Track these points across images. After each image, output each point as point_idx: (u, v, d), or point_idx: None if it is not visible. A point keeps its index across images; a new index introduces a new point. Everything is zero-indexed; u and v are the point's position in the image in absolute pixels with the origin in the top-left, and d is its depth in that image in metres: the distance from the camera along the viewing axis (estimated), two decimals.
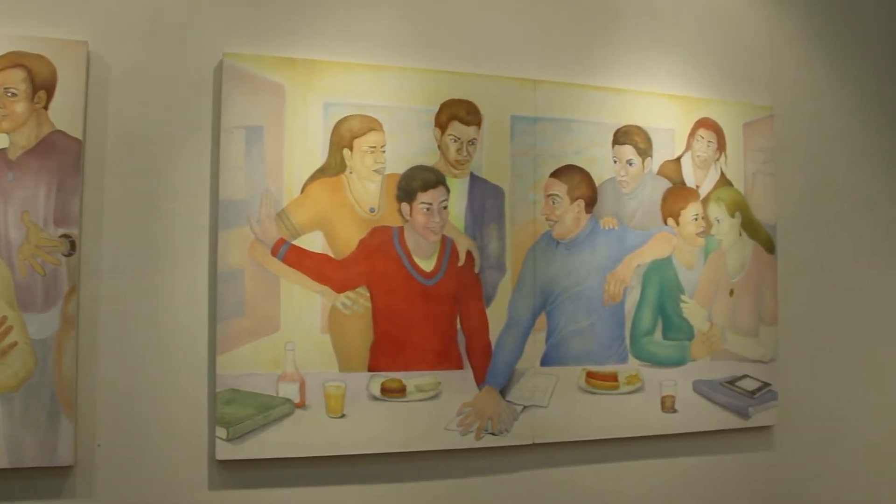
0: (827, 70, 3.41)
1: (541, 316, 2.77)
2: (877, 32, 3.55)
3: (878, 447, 3.39)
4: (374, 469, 2.59)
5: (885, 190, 3.49)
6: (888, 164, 3.51)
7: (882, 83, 3.53)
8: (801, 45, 3.37)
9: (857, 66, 3.48)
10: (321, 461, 2.52)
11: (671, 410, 2.94)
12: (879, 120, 3.51)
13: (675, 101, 3.03)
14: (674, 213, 2.97)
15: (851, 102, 3.45)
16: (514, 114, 2.77)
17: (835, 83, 3.42)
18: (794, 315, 3.22)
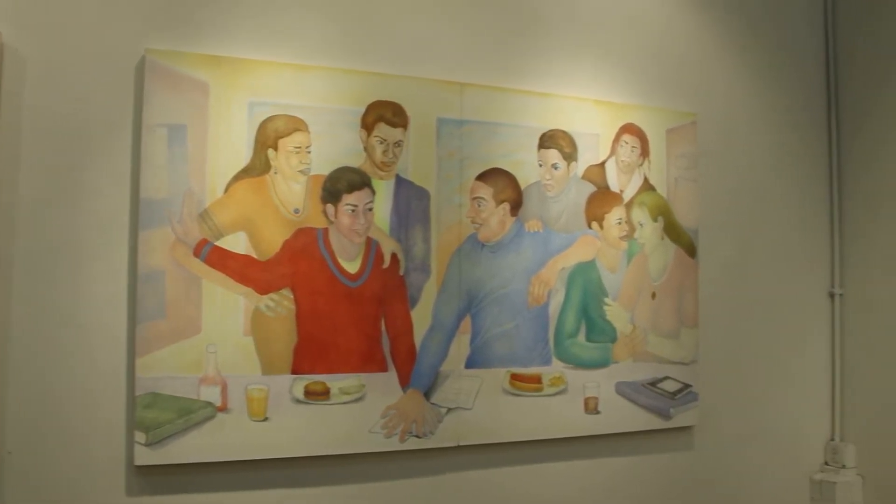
0: (748, 78, 3.65)
1: (465, 318, 2.88)
2: (797, 42, 3.81)
3: (792, 445, 3.65)
4: (298, 472, 2.66)
5: (802, 196, 3.76)
6: (805, 170, 3.78)
7: (801, 92, 3.80)
8: (724, 53, 3.60)
9: (777, 75, 3.73)
10: (244, 465, 2.57)
11: (594, 412, 3.11)
12: (798, 128, 3.77)
13: (600, 107, 3.19)
14: (598, 216, 3.14)
15: (771, 110, 3.70)
16: (441, 116, 2.89)
17: (755, 91, 3.66)
18: (714, 318, 3.44)
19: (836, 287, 3.79)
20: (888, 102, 3.62)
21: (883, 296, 3.61)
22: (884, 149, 3.64)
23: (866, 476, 3.65)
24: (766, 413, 3.59)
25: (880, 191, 3.65)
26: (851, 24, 3.82)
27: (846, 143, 3.81)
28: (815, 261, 3.78)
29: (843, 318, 3.78)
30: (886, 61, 3.65)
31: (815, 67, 3.84)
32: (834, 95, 3.84)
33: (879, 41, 3.68)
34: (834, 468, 3.69)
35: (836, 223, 3.81)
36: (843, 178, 3.82)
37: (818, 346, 3.76)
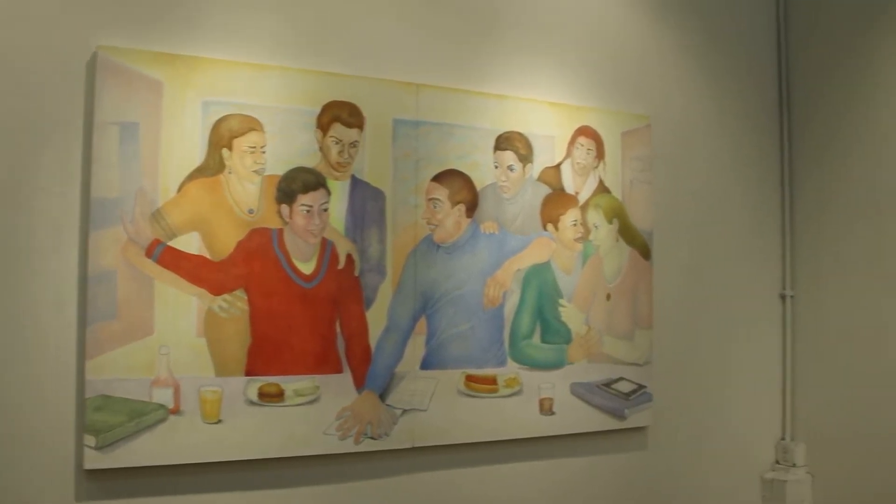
0: (702, 83, 3.74)
1: (421, 319, 2.92)
2: (750, 48, 3.91)
3: (744, 444, 3.76)
4: (252, 475, 2.67)
5: (754, 199, 3.86)
6: (758, 174, 3.88)
7: (754, 97, 3.90)
8: (679, 58, 3.68)
9: (731, 80, 3.83)
10: (196, 468, 2.57)
11: (549, 413, 3.17)
12: (751, 132, 3.88)
13: (556, 109, 3.26)
14: (553, 218, 3.20)
15: (725, 115, 3.80)
16: (397, 117, 2.92)
17: (709, 96, 3.76)
18: (668, 319, 3.52)
19: (788, 289, 3.90)
20: (838, 110, 3.74)
21: (832, 298, 3.73)
22: (833, 155, 3.76)
23: (816, 474, 3.76)
24: (718, 413, 3.69)
25: (830, 196, 3.76)
26: (803, 32, 3.93)
27: (798, 149, 3.93)
28: (767, 263, 3.89)
29: (793, 320, 3.90)
30: (837, 70, 3.76)
31: (767, 74, 3.96)
32: (786, 101, 3.96)
33: (830, 50, 3.80)
34: (784, 467, 3.80)
35: (787, 226, 3.92)
36: (795, 183, 3.93)
37: (770, 347, 3.87)
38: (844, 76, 3.73)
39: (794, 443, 3.82)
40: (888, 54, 3.55)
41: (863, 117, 3.64)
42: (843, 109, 3.72)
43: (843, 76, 3.73)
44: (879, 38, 3.58)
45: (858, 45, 3.67)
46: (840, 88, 3.74)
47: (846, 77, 3.72)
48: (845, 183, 3.70)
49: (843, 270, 3.69)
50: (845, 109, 3.71)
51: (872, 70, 3.61)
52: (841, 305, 3.70)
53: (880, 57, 3.57)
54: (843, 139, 3.72)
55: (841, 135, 3.73)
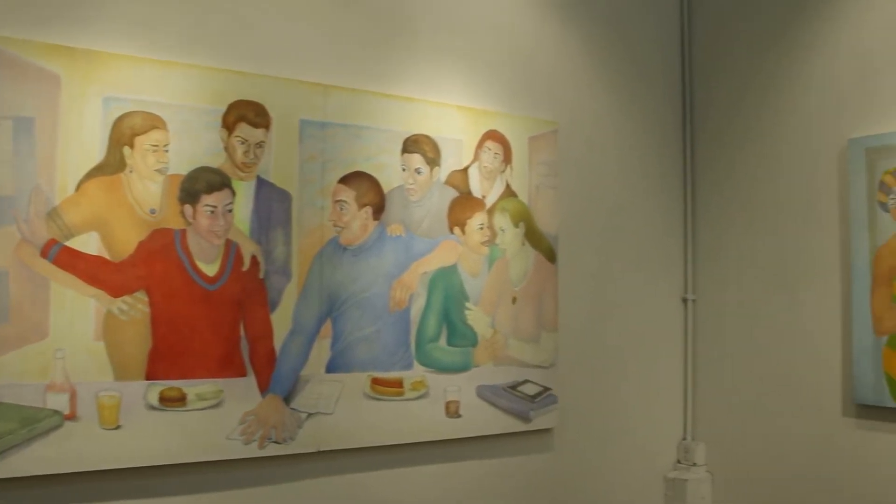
0: (610, 89, 3.89)
1: (326, 322, 2.95)
2: (656, 57, 4.08)
3: (647, 444, 3.92)
4: (153, 482, 2.65)
5: (658, 205, 4.03)
6: (662, 181, 4.05)
7: (659, 105, 4.07)
8: (587, 65, 3.81)
9: (638, 88, 3.99)
10: (94, 476, 2.54)
11: (455, 416, 3.24)
12: (656, 140, 4.05)
13: (464, 113, 3.34)
14: (460, 221, 3.28)
15: (631, 122, 3.95)
16: (304, 118, 2.94)
17: (616, 102, 3.91)
18: (573, 322, 3.64)
19: (689, 293, 4.09)
20: (739, 119, 3.94)
21: (732, 301, 3.93)
22: (734, 163, 3.95)
23: (715, 473, 3.95)
24: (622, 414, 3.83)
25: (731, 203, 3.96)
26: (706, 44, 4.13)
27: (700, 157, 4.12)
28: (670, 267, 4.06)
29: (695, 323, 4.08)
30: (738, 79, 3.97)
31: (672, 83, 4.14)
32: (689, 111, 4.15)
33: (732, 61, 4.00)
34: (686, 466, 3.97)
35: (689, 232, 4.11)
36: (697, 189, 4.12)
37: (672, 350, 4.05)
38: (745, 87, 3.93)
39: (694, 443, 4.00)
40: (786, 67, 3.76)
41: (763, 128, 3.84)
42: (744, 121, 3.92)
43: (743, 87, 3.94)
44: (779, 52, 3.79)
45: (759, 57, 3.88)
46: (741, 99, 3.94)
47: (747, 88, 3.92)
48: (745, 191, 3.90)
49: (742, 275, 3.89)
50: (746, 121, 3.92)
51: (771, 82, 3.82)
52: (739, 309, 3.89)
53: (778, 69, 3.79)
54: (743, 150, 3.92)
55: (741, 145, 3.93)
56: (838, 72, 3.55)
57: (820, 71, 3.62)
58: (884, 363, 3.30)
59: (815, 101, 3.63)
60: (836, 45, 3.56)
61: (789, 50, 3.75)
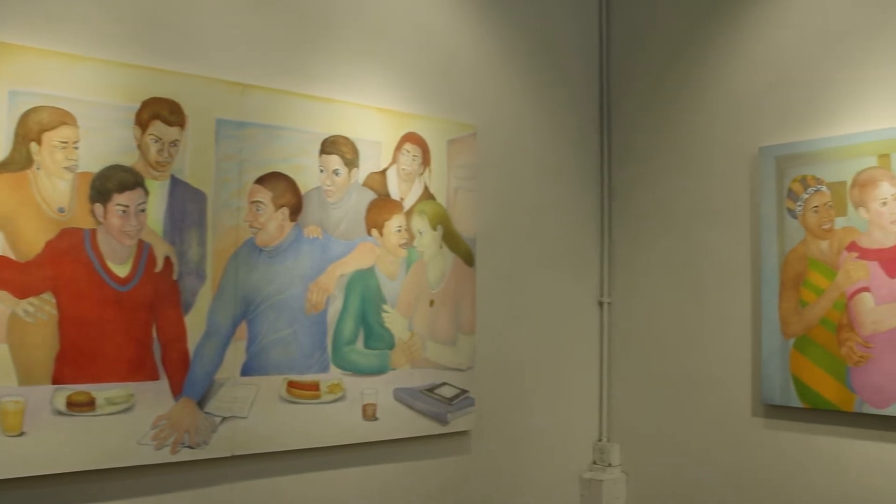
0: (529, 94, 3.97)
1: (242, 324, 2.94)
2: (573, 63, 4.18)
3: (563, 446, 4.01)
4: (60, 490, 2.61)
5: (575, 210, 4.13)
6: (579, 186, 4.16)
7: (578, 111, 4.17)
8: (507, 70, 3.89)
9: (557, 94, 4.08)
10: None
11: (372, 418, 3.27)
12: (574, 145, 4.15)
13: (383, 115, 3.37)
14: (378, 224, 3.31)
15: (549, 127, 4.04)
16: (221, 117, 2.93)
17: (535, 107, 3.99)
18: (491, 325, 3.71)
19: (605, 296, 4.20)
20: (655, 126, 4.07)
21: (646, 305, 4.05)
22: (650, 168, 4.08)
23: (630, 473, 4.07)
24: (539, 416, 3.91)
25: (646, 207, 4.08)
26: (624, 51, 4.25)
27: (617, 163, 4.24)
28: (586, 271, 4.17)
29: (610, 326, 4.20)
30: (653, 88, 4.10)
31: (590, 90, 4.24)
32: (607, 115, 4.27)
33: (649, 71, 4.13)
34: (601, 467, 4.08)
35: (605, 236, 4.22)
36: (614, 194, 4.24)
37: (588, 352, 4.15)
38: (660, 95, 4.06)
39: (609, 444, 4.11)
40: (700, 76, 3.90)
41: (677, 135, 3.97)
42: (659, 128, 4.05)
43: (659, 95, 4.07)
44: (694, 61, 3.93)
45: (674, 65, 4.01)
46: (656, 107, 4.07)
47: (662, 96, 4.05)
48: (660, 196, 4.03)
49: (657, 279, 4.02)
50: (661, 127, 4.05)
51: (686, 90, 3.95)
52: (653, 312, 4.02)
53: (693, 78, 3.92)
54: (658, 155, 4.05)
55: (656, 151, 4.06)
56: (750, 82, 3.70)
57: (733, 81, 3.77)
58: (791, 365, 3.45)
59: (728, 110, 3.78)
60: (749, 56, 3.71)
61: (704, 59, 3.89)
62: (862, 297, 3.25)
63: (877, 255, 3.22)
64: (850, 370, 3.27)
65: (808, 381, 3.39)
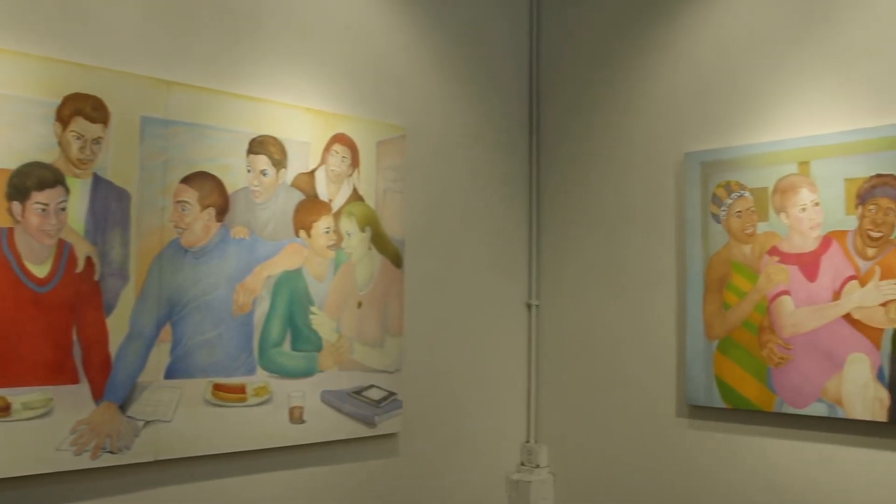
0: (459, 97, 4.01)
1: (166, 326, 2.91)
2: (502, 67, 4.24)
3: (491, 447, 4.06)
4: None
5: (504, 212, 4.19)
6: (508, 188, 4.22)
7: (507, 114, 4.23)
8: (436, 71, 3.92)
9: (486, 97, 4.13)
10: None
11: (299, 421, 3.27)
12: (503, 148, 4.20)
13: (312, 115, 3.37)
14: (306, 225, 3.31)
15: (477, 130, 4.09)
16: (146, 115, 2.90)
17: (465, 110, 4.03)
18: (418, 326, 3.74)
19: (533, 298, 4.27)
20: (583, 130, 4.15)
21: (573, 307, 4.13)
22: (578, 172, 4.16)
23: (558, 474, 4.14)
24: (467, 418, 3.96)
25: (574, 210, 4.16)
26: (554, 57, 4.32)
27: (545, 167, 4.31)
28: (515, 273, 4.23)
29: (538, 328, 4.27)
30: (582, 92, 4.17)
31: (520, 91, 4.31)
32: (536, 119, 4.34)
33: (578, 73, 4.21)
34: (529, 468, 4.14)
35: (534, 238, 4.29)
36: (542, 196, 4.31)
37: (516, 354, 4.21)
38: (589, 100, 4.14)
39: (537, 445, 4.17)
40: (628, 82, 3.99)
41: (605, 139, 4.06)
42: (588, 131, 4.14)
43: (587, 99, 4.15)
44: (621, 67, 4.02)
45: (602, 70, 4.10)
46: (585, 111, 4.15)
47: (591, 100, 4.13)
48: (588, 199, 4.11)
49: (584, 281, 4.09)
50: (589, 131, 4.13)
51: (614, 95, 4.04)
52: (581, 314, 4.10)
53: (621, 84, 4.01)
54: (587, 159, 4.13)
55: (585, 155, 4.14)
56: (677, 88, 3.80)
57: (660, 87, 3.87)
58: (714, 366, 3.55)
59: (655, 116, 3.88)
60: (676, 63, 3.81)
61: (631, 66, 3.98)
62: (782, 300, 3.37)
63: (797, 259, 3.34)
64: (770, 371, 3.38)
65: (731, 382, 3.49)
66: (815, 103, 3.36)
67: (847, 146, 3.23)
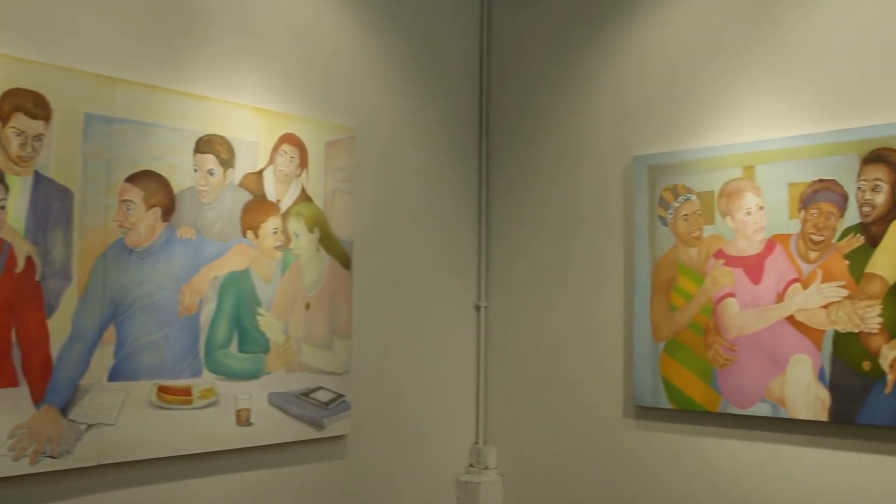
0: (407, 99, 4.02)
1: (110, 328, 2.87)
2: (453, 69, 4.26)
3: (440, 449, 4.08)
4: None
5: (453, 214, 4.21)
6: (457, 190, 4.23)
7: (457, 115, 4.25)
8: (386, 72, 3.92)
9: (436, 98, 4.14)
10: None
11: (246, 424, 3.24)
12: (452, 150, 4.22)
13: (260, 115, 3.35)
14: (253, 225, 3.29)
15: (427, 131, 4.10)
16: (89, 112, 2.85)
17: (414, 111, 4.04)
18: (367, 328, 3.73)
19: (482, 300, 4.29)
20: (533, 132, 4.19)
21: (522, 309, 4.16)
22: (527, 174, 4.19)
23: (506, 475, 4.16)
24: (416, 419, 3.96)
25: (523, 212, 4.19)
26: (504, 59, 4.35)
27: (495, 169, 4.34)
28: (464, 274, 4.25)
29: (487, 330, 4.29)
30: (532, 94, 4.21)
31: (470, 92, 4.33)
32: (486, 120, 4.36)
33: (528, 75, 4.24)
34: (478, 469, 4.16)
35: (483, 239, 4.31)
36: (491, 198, 4.33)
37: (465, 356, 4.23)
38: (539, 102, 4.18)
39: (486, 446, 4.19)
40: (578, 85, 4.03)
41: (555, 141, 4.10)
42: (537, 134, 4.17)
43: (537, 102, 4.18)
44: (571, 70, 4.07)
45: (553, 72, 4.14)
46: (535, 114, 4.19)
47: (541, 103, 4.17)
48: (537, 201, 4.14)
49: (533, 283, 4.13)
50: (539, 133, 4.16)
51: (564, 98, 4.08)
52: (529, 316, 4.13)
53: (571, 86, 4.06)
54: (536, 161, 4.16)
55: (534, 157, 4.17)
56: (626, 92, 3.86)
57: (609, 91, 3.92)
58: (661, 367, 3.61)
59: (604, 119, 3.93)
60: (625, 67, 3.87)
61: (580, 69, 4.02)
62: (727, 302, 3.43)
63: (741, 262, 3.40)
64: (716, 372, 3.44)
65: (677, 383, 3.54)
66: (760, 109, 3.43)
67: (790, 151, 3.30)
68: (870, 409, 3.08)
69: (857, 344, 3.11)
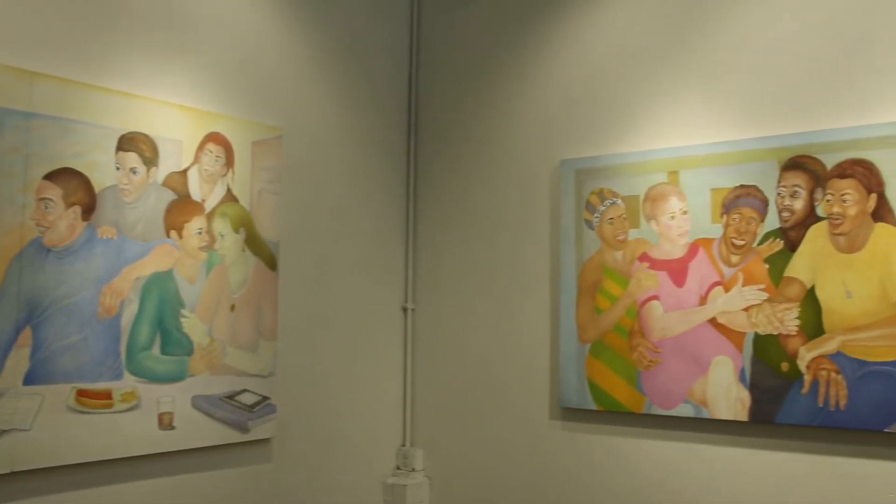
0: (336, 98, 4.01)
1: (25, 330, 2.79)
2: (382, 71, 4.26)
3: (367, 451, 4.08)
4: None
5: (381, 215, 4.21)
6: (386, 191, 4.24)
7: (385, 116, 4.26)
8: (314, 72, 3.91)
9: (364, 98, 4.14)
10: None
11: (169, 427, 3.19)
12: (381, 151, 4.23)
13: (185, 112, 3.30)
14: (177, 225, 3.24)
15: (356, 133, 4.10)
16: (5, 106, 2.78)
17: (343, 111, 4.03)
18: (293, 330, 3.71)
19: (409, 302, 4.30)
20: (461, 135, 4.22)
21: (449, 311, 4.18)
22: (455, 175, 4.22)
23: (433, 478, 4.18)
24: (342, 422, 3.95)
25: (451, 214, 4.22)
26: (434, 57, 4.37)
27: (423, 171, 4.36)
28: (391, 276, 4.25)
29: (414, 332, 4.30)
30: (460, 97, 4.24)
31: (399, 93, 4.34)
32: (414, 122, 4.37)
33: (456, 77, 4.27)
34: (405, 471, 4.17)
35: (410, 241, 4.33)
36: (419, 200, 4.35)
37: (392, 358, 4.23)
38: (467, 105, 4.21)
39: (413, 449, 4.20)
40: (506, 88, 4.08)
41: (483, 144, 4.14)
42: (465, 136, 4.21)
43: (466, 105, 4.22)
44: (500, 72, 4.11)
45: (481, 75, 4.17)
46: (463, 116, 4.22)
47: (469, 106, 4.20)
48: (464, 203, 4.17)
49: (460, 285, 4.16)
50: (467, 136, 4.20)
51: (492, 102, 4.13)
52: (456, 318, 4.16)
53: (499, 89, 4.10)
54: (464, 163, 4.20)
55: (462, 159, 4.20)
56: (554, 96, 3.91)
57: (536, 94, 3.97)
58: (587, 369, 3.66)
59: (532, 123, 3.98)
60: (552, 71, 3.93)
61: (509, 72, 4.07)
62: (652, 304, 3.50)
63: (665, 265, 3.48)
64: (640, 374, 3.51)
65: (603, 384, 3.60)
66: (684, 116, 3.52)
67: (713, 157, 3.38)
68: (788, 409, 3.18)
69: (776, 345, 3.21)
